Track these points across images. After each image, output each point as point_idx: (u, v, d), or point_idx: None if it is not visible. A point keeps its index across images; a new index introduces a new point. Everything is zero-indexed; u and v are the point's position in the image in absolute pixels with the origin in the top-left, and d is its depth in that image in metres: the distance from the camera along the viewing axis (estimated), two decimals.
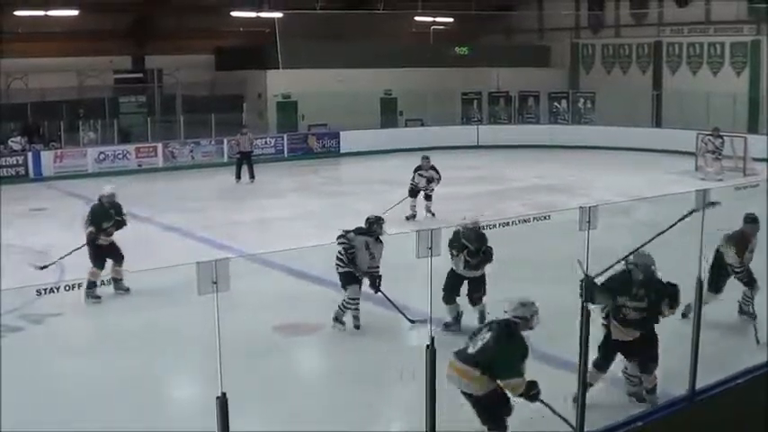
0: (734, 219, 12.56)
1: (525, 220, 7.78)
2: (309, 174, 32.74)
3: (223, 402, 6.23)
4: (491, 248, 12.67)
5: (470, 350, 8.56)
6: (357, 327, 13.51)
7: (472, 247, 12.65)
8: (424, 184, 23.30)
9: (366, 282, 13.51)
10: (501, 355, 8.44)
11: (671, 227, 10.24)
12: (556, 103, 43.20)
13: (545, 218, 7.84)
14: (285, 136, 38.04)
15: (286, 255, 16.17)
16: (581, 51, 47.11)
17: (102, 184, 17.40)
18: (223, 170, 32.29)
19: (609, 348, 9.90)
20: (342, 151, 38.53)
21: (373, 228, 13.75)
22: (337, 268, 13.60)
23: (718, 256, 12.76)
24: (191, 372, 11.67)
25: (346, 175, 34.65)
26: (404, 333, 13.27)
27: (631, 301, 9.58)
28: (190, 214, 23.98)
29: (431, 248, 6.76)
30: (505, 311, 8.75)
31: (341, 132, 38.80)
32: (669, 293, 9.51)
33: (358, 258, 13.57)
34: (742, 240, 12.74)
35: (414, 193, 23.44)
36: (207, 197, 27.58)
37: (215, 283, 5.85)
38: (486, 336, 8.56)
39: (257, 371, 11.21)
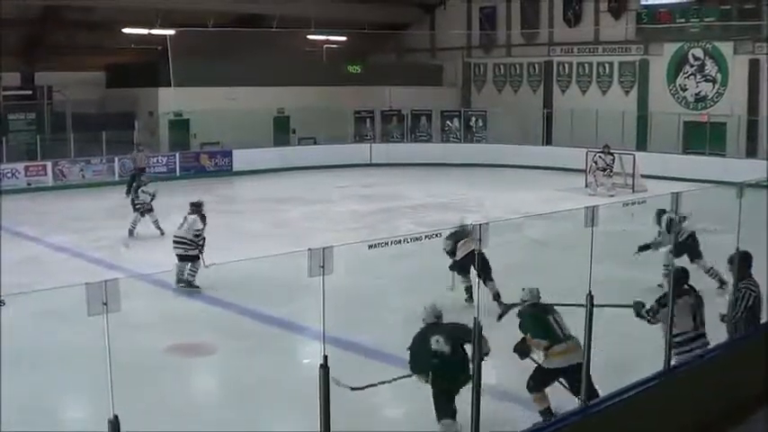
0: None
1: (417, 238, 7.81)
2: (202, 192, 32.42)
3: (115, 425, 6.15)
4: None
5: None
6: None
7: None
8: (150, 199, 24.19)
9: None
10: None
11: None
12: (448, 122, 43.58)
13: (436, 235, 7.90)
14: (177, 154, 37.66)
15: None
16: (473, 70, 47.60)
17: None
18: (114, 189, 31.86)
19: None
20: (235, 170, 38.31)
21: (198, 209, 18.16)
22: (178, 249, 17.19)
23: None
24: (82, 394, 11.51)
25: (239, 194, 34.47)
26: (298, 353, 13.28)
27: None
28: (81, 234, 23.65)
29: (323, 267, 6.75)
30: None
31: (234, 151, 38.59)
32: None
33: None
34: None
35: (145, 210, 24.03)
36: (98, 216, 27.19)
37: (105, 303, 5.78)
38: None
39: (151, 392, 11.11)
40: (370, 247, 7.12)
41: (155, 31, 38.87)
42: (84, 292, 5.72)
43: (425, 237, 7.75)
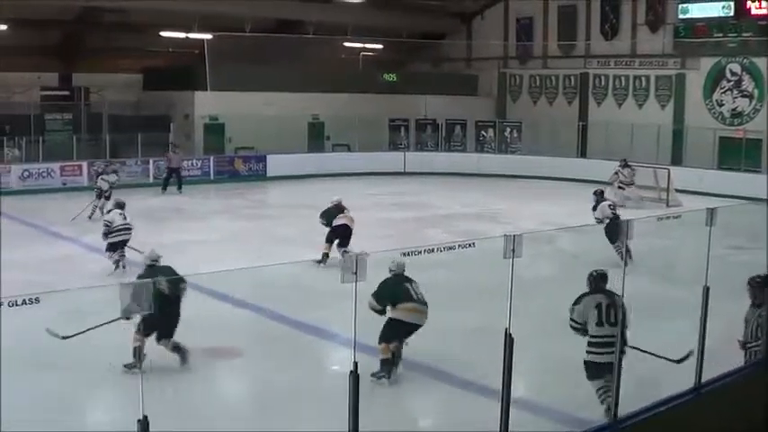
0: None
1: (450, 248, 7.79)
2: (235, 197, 32.54)
3: (144, 425, 6.16)
4: None
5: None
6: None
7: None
8: (107, 186, 26.83)
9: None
10: None
11: None
12: (483, 132, 43.51)
13: (470, 245, 7.85)
14: (212, 158, 37.81)
15: (209, 278, 16.07)
16: (508, 81, 47.56)
17: (25, 202, 17.18)
18: (148, 191, 32.00)
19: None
20: (268, 175, 38.41)
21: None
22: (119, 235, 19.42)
23: None
24: (112, 394, 11.52)
25: (272, 199, 34.48)
26: (328, 360, 13.27)
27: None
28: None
29: (356, 273, 6.73)
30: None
31: (268, 156, 38.68)
32: None
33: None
34: None
35: (100, 195, 26.72)
36: (131, 218, 27.22)
37: (138, 304, 5.80)
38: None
39: (179, 393, 11.13)
40: (404, 254, 7.12)
41: (192, 35, 39.12)
42: (118, 293, 5.74)
43: (459, 246, 7.72)
